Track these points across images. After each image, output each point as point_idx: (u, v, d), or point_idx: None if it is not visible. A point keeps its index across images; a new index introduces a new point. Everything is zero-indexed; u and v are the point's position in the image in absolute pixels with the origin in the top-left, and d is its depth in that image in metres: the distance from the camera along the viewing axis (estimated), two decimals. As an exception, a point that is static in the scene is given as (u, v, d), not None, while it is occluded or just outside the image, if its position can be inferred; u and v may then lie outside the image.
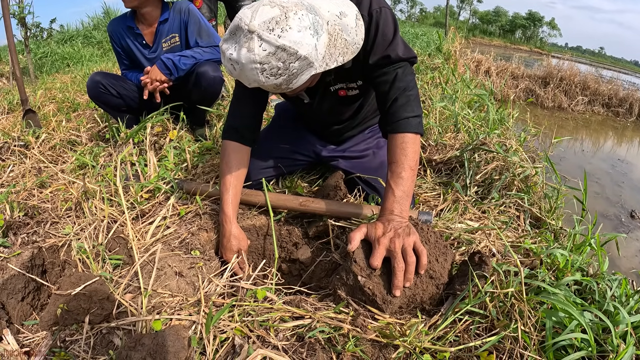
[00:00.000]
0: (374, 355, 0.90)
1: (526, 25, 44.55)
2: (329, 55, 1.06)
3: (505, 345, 0.91)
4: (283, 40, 0.96)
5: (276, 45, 0.96)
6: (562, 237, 1.50)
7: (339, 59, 1.10)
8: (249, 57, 0.98)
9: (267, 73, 0.99)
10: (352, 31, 1.12)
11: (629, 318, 0.91)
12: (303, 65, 1.00)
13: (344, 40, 1.11)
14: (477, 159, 1.82)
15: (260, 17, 0.97)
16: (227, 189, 1.37)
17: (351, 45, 1.13)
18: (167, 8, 2.29)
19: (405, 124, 1.21)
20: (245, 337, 0.93)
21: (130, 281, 1.14)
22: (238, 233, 1.35)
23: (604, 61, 36.68)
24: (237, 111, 1.46)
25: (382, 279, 1.04)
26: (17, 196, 1.62)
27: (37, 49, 6.93)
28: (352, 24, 1.13)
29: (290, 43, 0.96)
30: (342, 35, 1.10)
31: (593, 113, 8.07)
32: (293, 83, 1.04)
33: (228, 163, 1.40)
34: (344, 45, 1.11)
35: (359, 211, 1.40)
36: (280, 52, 0.97)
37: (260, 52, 0.97)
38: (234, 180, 1.39)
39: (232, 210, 1.36)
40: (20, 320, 1.07)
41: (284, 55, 0.97)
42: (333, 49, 1.07)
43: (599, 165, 5.11)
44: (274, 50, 0.97)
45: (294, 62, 0.98)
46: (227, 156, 1.42)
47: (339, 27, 1.09)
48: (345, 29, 1.11)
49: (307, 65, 1.01)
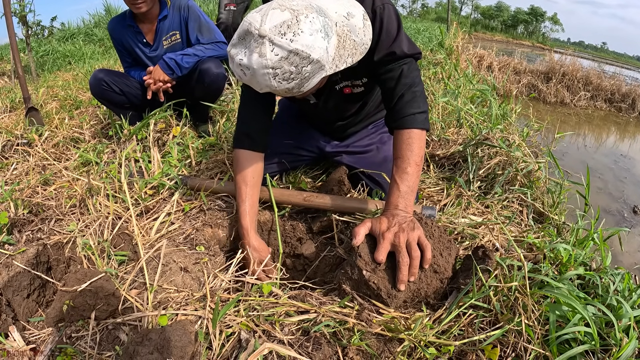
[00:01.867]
0: (379, 349, 0.91)
1: (528, 20, 44.33)
2: (338, 57, 1.06)
3: (509, 338, 0.91)
4: (296, 45, 0.95)
5: (289, 50, 0.95)
6: (565, 231, 1.50)
7: (348, 60, 1.10)
8: (261, 63, 0.97)
9: (280, 78, 0.99)
10: (360, 32, 1.12)
11: (632, 312, 0.92)
12: (315, 68, 1.00)
13: (352, 42, 1.10)
14: (480, 154, 1.82)
15: (271, 21, 0.96)
16: (243, 200, 1.33)
17: (360, 46, 1.13)
18: (166, 5, 2.29)
19: (412, 120, 1.21)
20: (251, 332, 0.94)
21: (136, 277, 1.14)
22: (258, 244, 1.31)
23: (607, 56, 36.51)
24: (247, 116, 1.43)
25: (386, 273, 1.04)
26: (21, 194, 1.63)
27: (38, 47, 6.92)
28: (359, 25, 1.12)
29: (303, 47, 0.95)
30: (350, 36, 1.10)
31: (595, 108, 8.04)
32: (305, 86, 1.04)
33: (242, 172, 1.37)
34: (352, 47, 1.10)
35: (362, 206, 1.41)
36: (293, 56, 0.96)
37: (272, 57, 0.96)
38: (250, 190, 1.35)
39: (249, 222, 1.31)
40: (26, 317, 1.08)
41: (297, 60, 0.97)
42: (342, 50, 1.07)
43: (602, 161, 5.10)
44: (286, 55, 0.96)
45: (307, 66, 0.98)
46: (240, 165, 1.38)
47: (347, 29, 1.09)
48: (353, 30, 1.10)
49: (318, 69, 1.01)
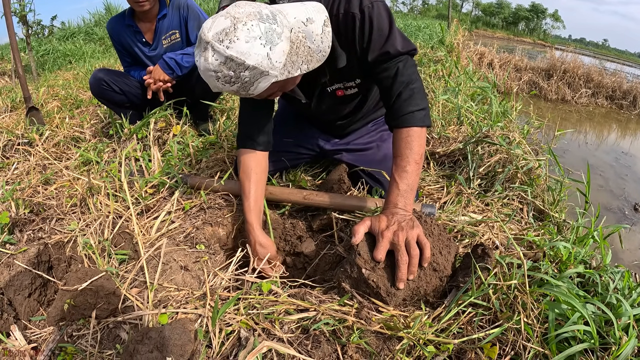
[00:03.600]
0: (378, 347, 0.91)
1: (529, 17, 44.14)
2: (290, 63, 1.08)
3: (508, 337, 0.91)
4: (230, 51, 0.98)
5: (225, 56, 0.99)
6: (565, 229, 1.50)
7: (303, 67, 1.13)
8: (206, 66, 1.01)
9: (222, 80, 1.03)
10: (317, 38, 1.15)
11: (631, 310, 0.91)
12: (254, 74, 1.02)
13: (307, 48, 1.13)
14: (480, 152, 1.82)
15: (214, 28, 1.00)
16: (247, 196, 1.36)
17: (316, 53, 1.16)
18: (165, 4, 2.28)
19: (410, 118, 1.21)
20: (251, 330, 0.94)
21: (136, 276, 1.15)
22: (264, 241, 1.32)
23: (608, 53, 36.37)
24: (247, 117, 1.46)
25: (386, 271, 1.04)
26: (22, 193, 1.63)
27: (38, 46, 6.94)
28: (317, 31, 1.15)
29: (237, 54, 0.98)
30: (305, 42, 1.12)
31: (597, 105, 8.02)
32: (251, 90, 1.06)
33: (245, 170, 1.40)
34: (307, 53, 1.13)
35: (362, 204, 1.41)
36: (229, 62, 0.99)
37: (213, 61, 1.00)
38: (253, 186, 1.37)
39: (255, 218, 1.34)
40: (27, 316, 1.08)
41: (233, 65, 1.00)
42: (295, 57, 1.10)
43: (603, 158, 5.09)
44: (224, 60, 0.99)
45: (244, 72, 1.01)
46: (244, 163, 1.41)
47: (302, 35, 1.12)
48: (309, 36, 1.13)
49: (259, 74, 1.03)
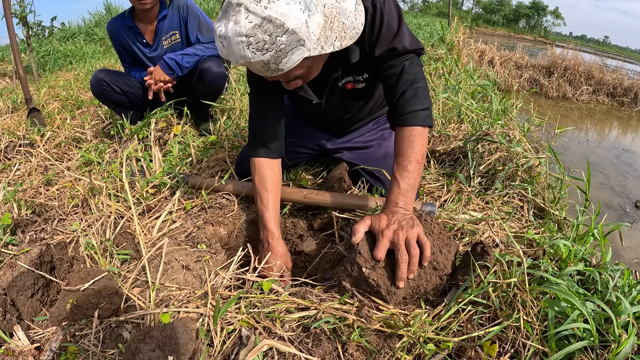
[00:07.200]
0: (379, 345, 0.91)
1: (530, 15, 43.98)
2: (324, 37, 1.03)
3: (508, 335, 0.92)
4: (269, 12, 0.92)
5: (262, 17, 0.92)
6: (565, 227, 1.50)
7: (336, 43, 1.07)
8: (235, 30, 0.94)
9: (253, 47, 0.96)
10: (350, 15, 1.09)
11: (631, 308, 0.91)
12: (291, 40, 0.96)
13: (341, 24, 1.07)
14: (481, 150, 1.82)
15: None
16: (266, 206, 1.34)
17: (349, 30, 1.10)
18: (165, 5, 2.29)
19: (413, 117, 1.20)
20: (252, 329, 0.95)
21: (138, 275, 1.16)
22: (284, 252, 1.30)
23: (609, 50, 36.22)
24: (259, 124, 1.43)
25: (386, 270, 1.05)
26: (24, 194, 1.64)
27: (39, 47, 6.93)
28: (351, 8, 1.10)
29: (277, 14, 0.92)
30: (339, 18, 1.07)
31: (597, 103, 8.00)
32: (282, 62, 0.99)
33: (261, 179, 1.38)
34: (341, 29, 1.07)
35: (363, 203, 1.41)
36: (266, 23, 0.93)
37: (246, 24, 0.93)
38: (272, 197, 1.36)
39: (276, 227, 1.32)
40: (30, 316, 1.09)
41: (270, 27, 0.93)
42: (329, 31, 1.04)
43: (604, 155, 5.08)
44: (260, 22, 0.93)
45: (281, 36, 0.94)
46: (259, 173, 1.39)
47: (336, 10, 1.06)
48: (343, 12, 1.08)
49: (296, 42, 0.97)
